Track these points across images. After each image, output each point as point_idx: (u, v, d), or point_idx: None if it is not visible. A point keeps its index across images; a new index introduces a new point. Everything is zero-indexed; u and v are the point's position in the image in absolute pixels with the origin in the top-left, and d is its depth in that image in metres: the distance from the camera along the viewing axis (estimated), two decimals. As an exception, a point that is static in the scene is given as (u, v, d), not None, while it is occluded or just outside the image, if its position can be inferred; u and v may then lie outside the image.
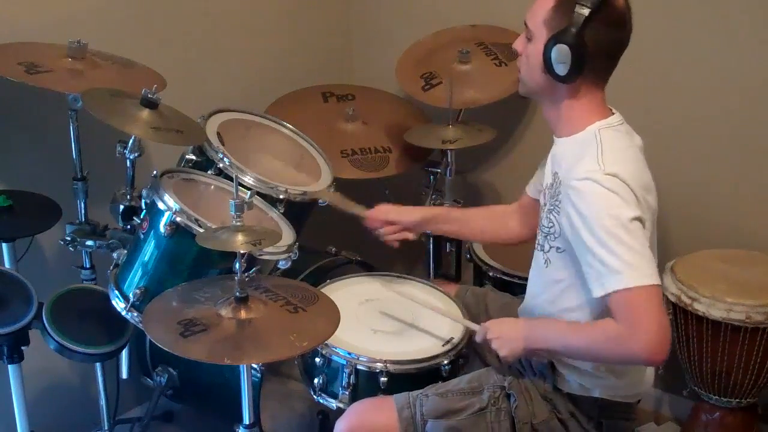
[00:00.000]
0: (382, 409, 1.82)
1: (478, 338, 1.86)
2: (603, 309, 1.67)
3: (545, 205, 1.80)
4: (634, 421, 1.87)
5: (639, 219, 1.62)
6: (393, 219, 2.14)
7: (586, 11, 1.63)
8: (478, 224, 2.18)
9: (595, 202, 1.62)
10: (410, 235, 2.16)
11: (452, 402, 1.81)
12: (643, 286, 1.58)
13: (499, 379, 1.84)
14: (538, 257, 1.83)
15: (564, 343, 1.73)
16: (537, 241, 1.83)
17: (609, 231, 1.60)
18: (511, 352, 1.77)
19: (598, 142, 1.68)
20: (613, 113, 1.77)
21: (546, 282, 1.82)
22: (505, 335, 1.79)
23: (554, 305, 1.79)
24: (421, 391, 1.83)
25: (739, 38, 2.35)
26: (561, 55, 1.66)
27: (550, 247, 1.77)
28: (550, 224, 1.76)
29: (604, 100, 1.76)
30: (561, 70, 1.68)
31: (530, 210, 2.00)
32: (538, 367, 1.83)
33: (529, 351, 1.78)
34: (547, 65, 1.69)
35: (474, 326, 1.91)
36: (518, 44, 1.79)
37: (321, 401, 1.95)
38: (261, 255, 1.91)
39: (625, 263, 1.58)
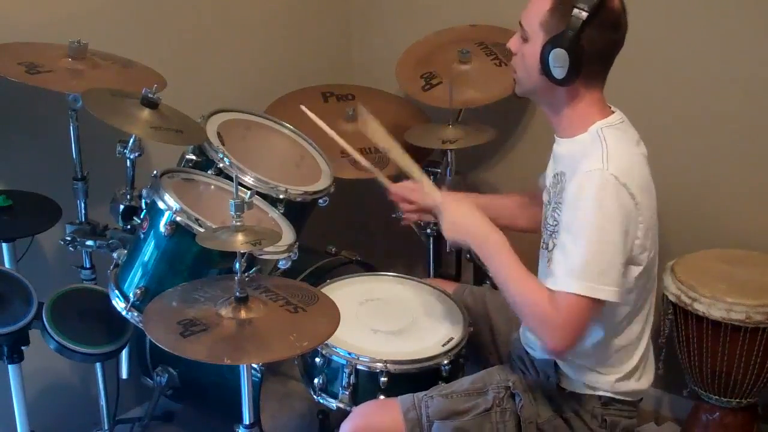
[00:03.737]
0: (388, 411, 1.82)
1: (428, 203, 1.95)
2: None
3: (549, 203, 1.80)
4: (637, 419, 1.87)
5: (625, 232, 1.63)
6: (414, 199, 2.07)
7: (584, 15, 1.62)
8: (507, 211, 2.10)
9: (589, 197, 1.63)
10: (431, 217, 2.07)
11: (457, 403, 1.80)
12: (589, 297, 1.61)
13: (503, 379, 1.84)
14: (543, 256, 1.82)
15: (500, 274, 1.75)
16: (542, 240, 1.83)
17: (585, 228, 1.62)
18: (452, 239, 1.83)
19: (602, 140, 1.68)
20: (614, 112, 1.76)
21: None
22: (459, 223, 1.83)
23: None
24: (426, 392, 1.83)
25: (740, 38, 2.35)
26: (559, 59, 1.65)
27: (554, 245, 1.76)
28: (555, 222, 1.75)
29: (603, 100, 1.76)
30: (558, 73, 1.67)
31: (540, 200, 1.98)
32: (542, 366, 1.83)
33: (465, 248, 1.84)
34: (545, 68, 1.69)
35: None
36: (513, 44, 1.77)
37: (321, 401, 1.95)
38: (261, 255, 1.91)
39: (582, 266, 1.61)
